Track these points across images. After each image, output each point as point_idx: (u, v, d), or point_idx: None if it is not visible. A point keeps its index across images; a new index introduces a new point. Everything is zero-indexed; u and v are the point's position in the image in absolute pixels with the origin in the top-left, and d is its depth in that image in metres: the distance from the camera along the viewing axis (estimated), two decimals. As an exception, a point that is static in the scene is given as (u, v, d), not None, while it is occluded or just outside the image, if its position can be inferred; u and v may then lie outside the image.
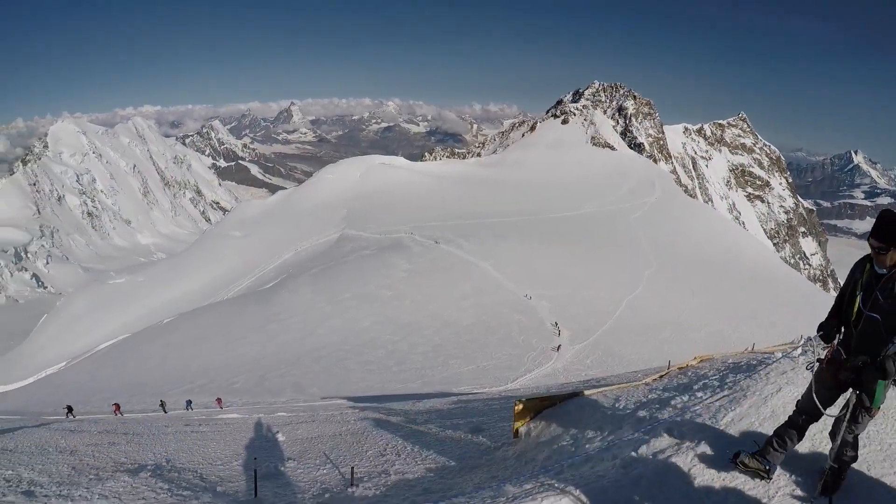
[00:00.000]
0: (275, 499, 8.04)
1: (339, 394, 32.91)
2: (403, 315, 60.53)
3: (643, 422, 7.22)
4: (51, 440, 15.25)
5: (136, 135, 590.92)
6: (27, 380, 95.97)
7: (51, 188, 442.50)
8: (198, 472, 9.85)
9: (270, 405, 28.67)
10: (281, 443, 13.03)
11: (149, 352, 72.04)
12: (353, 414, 17.02)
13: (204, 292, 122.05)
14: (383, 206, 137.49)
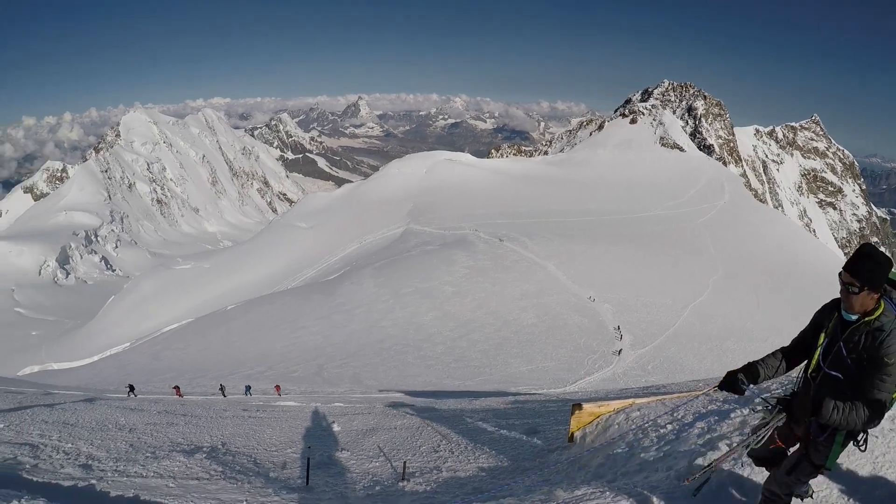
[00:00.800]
0: (326, 488, 8.10)
1: (396, 387, 32.99)
2: (464, 312, 60.49)
3: (701, 433, 7.09)
4: (111, 417, 15.65)
5: (205, 126, 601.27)
6: (92, 358, 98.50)
7: (122, 175, 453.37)
8: (252, 456, 9.98)
9: (328, 395, 28.89)
10: (336, 433, 13.12)
11: (211, 337, 73.21)
12: (409, 408, 17.05)
13: (268, 281, 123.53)
14: (448, 202, 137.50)
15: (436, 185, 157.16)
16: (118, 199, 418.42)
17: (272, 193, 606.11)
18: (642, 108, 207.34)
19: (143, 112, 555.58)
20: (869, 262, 4.05)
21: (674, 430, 7.57)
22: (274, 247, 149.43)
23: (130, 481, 8.04)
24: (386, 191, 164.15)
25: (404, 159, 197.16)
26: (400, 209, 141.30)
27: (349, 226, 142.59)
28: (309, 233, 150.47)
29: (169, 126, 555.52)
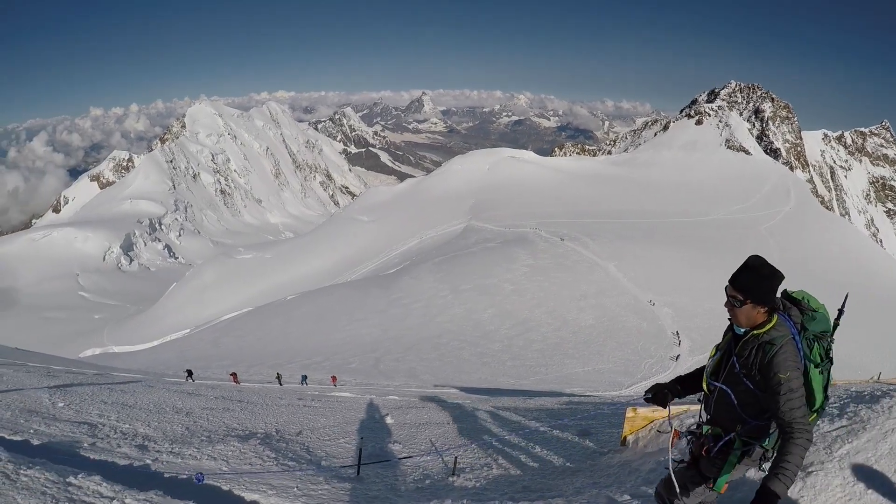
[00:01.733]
0: (377, 479, 8.14)
1: (451, 383, 33.05)
2: (522, 310, 60.30)
3: (755, 443, 6.97)
4: (168, 400, 16.00)
5: (270, 118, 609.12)
6: (153, 342, 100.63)
7: (186, 166, 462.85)
8: (305, 444, 10.08)
9: (383, 388, 29.08)
10: (389, 425, 13.19)
11: (270, 326, 74.15)
12: (463, 405, 17.05)
13: (328, 273, 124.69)
14: (510, 199, 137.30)
15: (498, 183, 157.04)
16: (182, 188, 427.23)
17: (334, 186, 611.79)
18: (708, 109, 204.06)
19: (208, 104, 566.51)
20: (752, 274, 4.00)
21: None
22: (335, 239, 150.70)
23: (185, 463, 8.21)
24: (448, 187, 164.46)
25: (467, 156, 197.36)
26: (461, 205, 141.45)
27: (410, 220, 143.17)
28: (370, 226, 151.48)
29: (233, 118, 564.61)
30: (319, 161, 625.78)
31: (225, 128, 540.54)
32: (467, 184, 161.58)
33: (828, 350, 4.10)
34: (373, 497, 7.26)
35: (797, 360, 3.87)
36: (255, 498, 6.85)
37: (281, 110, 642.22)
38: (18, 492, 6.02)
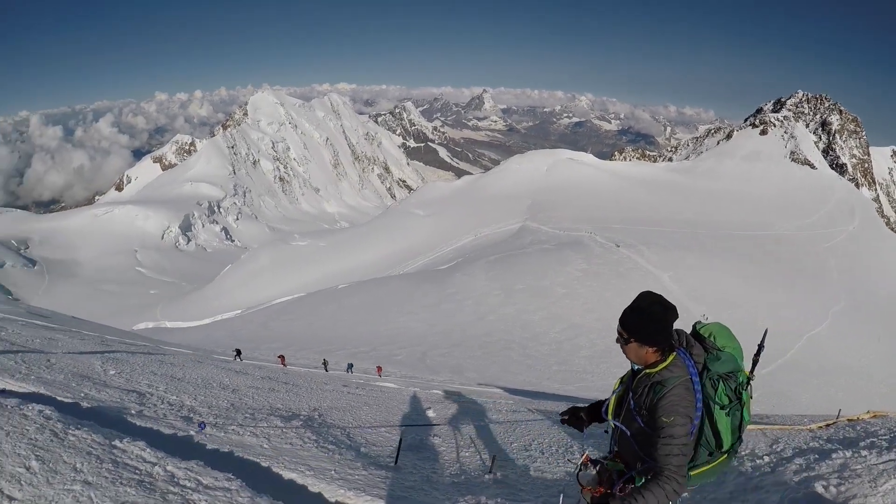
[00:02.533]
0: (414, 470, 8.17)
1: (496, 382, 32.96)
2: (573, 315, 59.78)
3: (798, 470, 6.84)
4: (216, 377, 16.35)
5: (330, 109, 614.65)
6: (204, 320, 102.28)
7: (247, 152, 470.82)
8: (346, 430, 10.16)
9: (427, 381, 29.12)
10: (430, 418, 13.22)
11: (320, 313, 74.79)
12: (506, 404, 17.00)
13: (381, 264, 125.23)
14: (567, 202, 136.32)
15: (556, 184, 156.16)
16: (242, 174, 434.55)
17: (392, 179, 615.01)
18: (773, 119, 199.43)
19: (270, 93, 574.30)
20: (635, 313, 3.90)
21: (770, 463, 7.32)
22: (390, 232, 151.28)
23: (227, 437, 8.34)
24: (505, 185, 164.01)
25: (526, 155, 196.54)
26: (518, 205, 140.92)
27: (466, 217, 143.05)
28: (425, 221, 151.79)
29: (295, 108, 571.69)
30: (378, 154, 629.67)
31: (286, 117, 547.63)
32: (525, 184, 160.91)
33: (737, 390, 3.91)
34: (409, 487, 7.28)
35: (688, 404, 3.71)
36: (293, 477, 6.93)
37: (342, 102, 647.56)
38: (65, 450, 6.22)
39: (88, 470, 5.92)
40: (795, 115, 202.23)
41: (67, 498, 5.37)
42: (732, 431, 3.84)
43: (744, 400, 3.90)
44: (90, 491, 5.49)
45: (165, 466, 6.11)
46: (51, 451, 6.28)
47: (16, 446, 6.35)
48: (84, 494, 5.43)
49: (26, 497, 5.39)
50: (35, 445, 6.39)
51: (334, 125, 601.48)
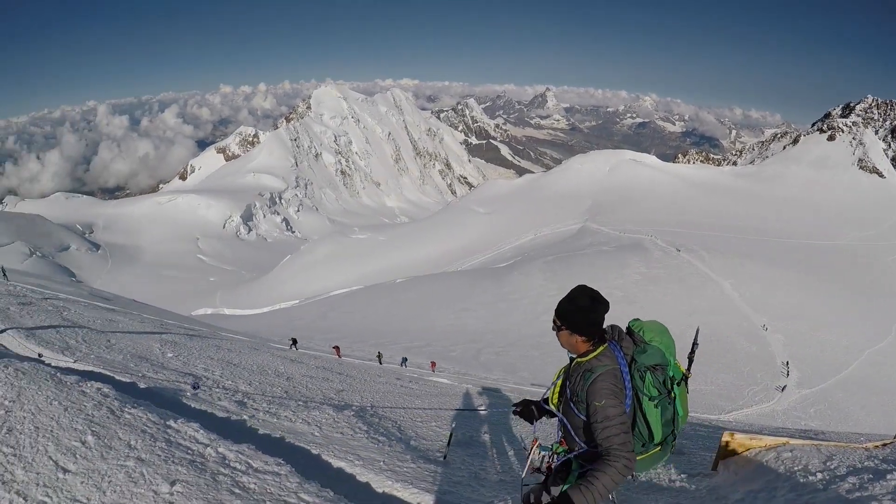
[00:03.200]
0: (462, 465, 8.14)
1: (549, 383, 32.83)
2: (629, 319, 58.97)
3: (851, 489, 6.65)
4: (271, 364, 16.59)
5: (393, 105, 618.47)
6: (262, 309, 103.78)
7: (309, 145, 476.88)
8: (397, 423, 10.17)
9: (480, 379, 29.10)
10: (482, 416, 13.15)
11: (377, 306, 75.22)
12: (557, 406, 16.93)
13: (439, 260, 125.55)
14: (628, 203, 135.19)
15: (617, 185, 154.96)
16: (304, 166, 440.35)
17: (453, 176, 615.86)
18: (842, 125, 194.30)
19: (334, 87, 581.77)
20: (570, 303, 4.04)
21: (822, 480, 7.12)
22: (449, 228, 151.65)
23: (279, 423, 8.43)
24: (566, 185, 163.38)
25: (588, 155, 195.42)
26: (579, 205, 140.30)
27: (526, 216, 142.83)
28: (485, 218, 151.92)
29: (358, 102, 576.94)
30: (440, 150, 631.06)
31: (349, 111, 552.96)
32: (586, 184, 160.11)
33: (666, 383, 4.09)
34: (456, 482, 7.26)
35: (616, 390, 3.84)
36: (342, 466, 6.96)
37: (405, 97, 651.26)
38: (121, 427, 6.35)
39: (142, 447, 6.04)
40: (864, 120, 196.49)
41: (120, 473, 5.48)
42: (664, 424, 4.05)
43: (675, 394, 4.11)
44: (143, 468, 5.59)
45: (217, 448, 6.19)
46: (107, 427, 6.43)
47: (73, 421, 6.52)
48: (136, 471, 5.53)
49: (80, 470, 5.53)
50: (92, 421, 6.55)
51: (396, 120, 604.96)
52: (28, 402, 7.21)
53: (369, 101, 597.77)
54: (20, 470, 5.60)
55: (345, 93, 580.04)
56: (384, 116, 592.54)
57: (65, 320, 19.34)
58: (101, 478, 5.42)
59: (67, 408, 7.03)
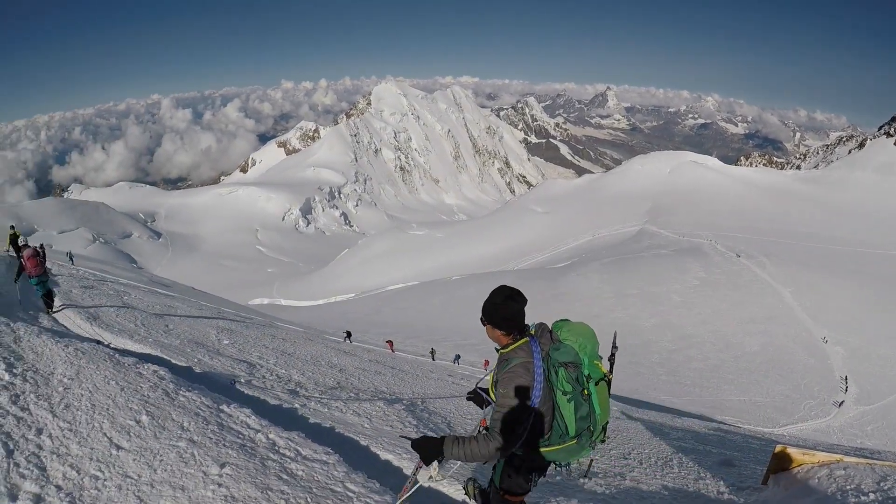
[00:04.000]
0: (510, 465, 8.14)
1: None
2: (686, 325, 58.32)
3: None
4: (325, 355, 16.81)
5: (453, 102, 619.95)
6: (318, 301, 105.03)
7: (369, 141, 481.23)
8: (447, 419, 10.18)
9: (532, 380, 29.00)
10: (532, 416, 13.13)
11: (432, 302, 75.52)
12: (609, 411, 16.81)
13: (496, 258, 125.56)
14: (688, 206, 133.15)
15: (677, 187, 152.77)
16: (364, 162, 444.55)
17: (512, 174, 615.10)
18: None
19: (394, 84, 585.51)
20: (489, 299, 4.38)
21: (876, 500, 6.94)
22: (507, 227, 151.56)
23: (330, 413, 8.52)
24: (626, 186, 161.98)
25: (648, 156, 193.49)
26: (638, 207, 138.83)
27: (584, 217, 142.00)
28: (543, 218, 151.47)
29: (417, 99, 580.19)
30: (499, 148, 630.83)
31: (409, 108, 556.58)
32: (646, 185, 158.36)
33: (580, 379, 4.20)
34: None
35: (523, 381, 4.11)
36: (390, 458, 7.03)
37: (464, 95, 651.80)
38: (175, 409, 6.52)
39: (195, 429, 6.16)
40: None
41: (172, 453, 5.59)
42: (579, 419, 4.17)
43: (591, 392, 4.20)
44: (194, 449, 5.69)
45: (268, 434, 6.28)
46: (161, 408, 6.57)
47: (129, 401, 6.71)
48: (188, 451, 5.64)
49: (133, 447, 5.68)
50: (147, 402, 6.72)
51: (456, 117, 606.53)
52: (86, 381, 7.45)
53: (429, 98, 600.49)
54: (75, 444, 5.78)
55: (405, 90, 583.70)
56: (444, 114, 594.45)
57: (125, 304, 19.80)
58: (153, 456, 5.55)
59: (124, 388, 7.22)
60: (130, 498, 5.00)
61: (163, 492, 5.06)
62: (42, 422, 6.25)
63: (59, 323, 15.25)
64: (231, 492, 5.03)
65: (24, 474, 5.21)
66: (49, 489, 5.07)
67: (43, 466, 5.40)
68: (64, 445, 5.79)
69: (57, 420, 6.31)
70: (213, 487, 5.09)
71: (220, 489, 5.07)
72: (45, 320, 15.34)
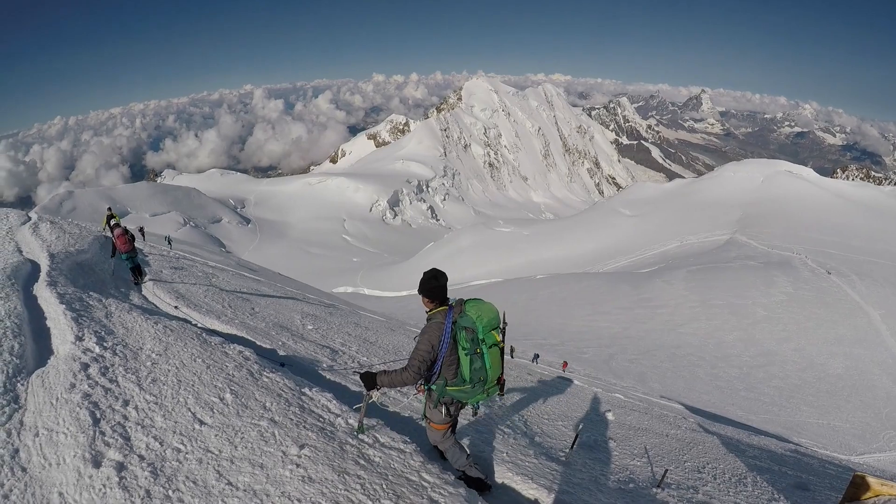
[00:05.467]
0: (583, 468, 8.07)
1: (678, 398, 32.04)
2: (769, 340, 56.66)
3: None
4: (406, 346, 17.10)
5: (544, 100, 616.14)
6: (401, 292, 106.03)
7: (459, 136, 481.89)
8: (523, 417, 10.16)
9: (610, 385, 28.72)
10: (608, 421, 13.00)
11: (514, 300, 75.45)
12: (686, 422, 16.52)
13: (581, 259, 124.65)
14: (780, 217, 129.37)
15: (770, 197, 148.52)
16: (452, 156, 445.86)
17: (601, 175, 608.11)
18: None
19: (485, 80, 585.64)
20: (421, 278, 5.94)
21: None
22: (594, 228, 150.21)
23: (409, 403, 8.67)
24: (717, 193, 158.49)
25: (742, 163, 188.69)
26: (728, 215, 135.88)
27: (672, 222, 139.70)
28: (631, 221, 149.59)
29: (508, 96, 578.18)
30: (589, 148, 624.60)
31: (499, 104, 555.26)
32: (737, 194, 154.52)
33: (475, 341, 5.67)
34: (575, 483, 7.20)
35: (433, 335, 5.71)
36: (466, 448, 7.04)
37: (556, 93, 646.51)
38: (258, 389, 6.77)
39: (276, 410, 6.36)
40: None
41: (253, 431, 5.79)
42: (473, 371, 5.67)
43: (482, 351, 5.69)
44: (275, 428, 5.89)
45: (348, 419, 6.45)
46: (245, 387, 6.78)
47: (214, 378, 6.96)
48: (269, 431, 5.83)
49: (216, 423, 5.93)
50: (231, 380, 6.95)
51: (547, 115, 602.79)
52: (174, 357, 7.79)
53: (520, 94, 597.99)
54: (160, 417, 6.06)
55: (496, 86, 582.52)
56: (535, 111, 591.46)
57: (213, 286, 20.38)
58: (235, 433, 5.78)
59: (210, 366, 7.50)
60: (210, 472, 5.20)
61: (242, 468, 5.25)
62: (129, 394, 6.57)
63: (149, 301, 15.87)
64: (308, 473, 5.18)
65: (108, 443, 5.59)
66: (132, 458, 5.37)
67: (127, 436, 5.74)
68: (149, 417, 6.06)
69: (143, 393, 6.60)
70: (290, 467, 5.25)
71: (298, 469, 5.22)
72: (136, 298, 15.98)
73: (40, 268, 14.13)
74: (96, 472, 5.12)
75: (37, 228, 22.37)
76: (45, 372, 7.12)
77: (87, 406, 6.15)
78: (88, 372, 7.02)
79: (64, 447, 5.52)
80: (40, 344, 8.39)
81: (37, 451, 5.53)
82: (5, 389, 6.51)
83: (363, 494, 4.95)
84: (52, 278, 12.53)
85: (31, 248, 17.72)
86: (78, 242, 20.05)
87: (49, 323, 9.36)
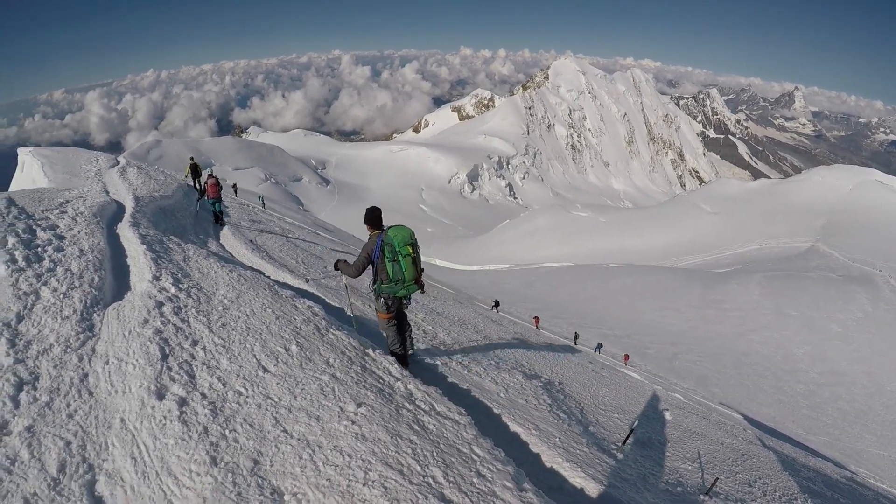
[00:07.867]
0: (634, 464, 8.01)
1: (738, 407, 31.36)
2: (840, 360, 54.58)
3: None
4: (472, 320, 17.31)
5: (632, 85, 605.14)
6: (472, 266, 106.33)
7: (543, 115, 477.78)
8: (580, 405, 10.13)
9: (670, 384, 28.37)
10: (665, 420, 12.86)
11: (584, 286, 74.92)
12: (743, 433, 16.18)
13: (656, 252, 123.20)
14: (866, 230, 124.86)
15: (857, 207, 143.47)
16: (535, 136, 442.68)
17: (684, 167, 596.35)
18: None
19: (573, 60, 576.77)
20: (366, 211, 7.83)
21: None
22: (672, 221, 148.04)
23: (468, 376, 8.68)
24: (803, 197, 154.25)
25: (831, 168, 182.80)
26: (811, 222, 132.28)
27: (753, 223, 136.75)
28: (711, 218, 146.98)
29: (596, 79, 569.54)
30: (675, 138, 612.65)
31: (586, 86, 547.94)
32: (824, 200, 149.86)
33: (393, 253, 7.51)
34: (624, 479, 7.15)
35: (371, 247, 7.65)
36: (518, 431, 7.05)
37: (645, 79, 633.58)
38: (323, 344, 7.03)
39: (339, 366, 6.49)
40: None
41: (314, 384, 5.92)
42: (393, 272, 7.53)
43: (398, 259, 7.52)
44: (335, 384, 5.99)
45: (407, 384, 6.50)
46: (311, 341, 6.96)
47: (282, 329, 7.19)
48: (329, 386, 5.94)
49: (279, 372, 6.15)
50: (298, 333, 7.14)
51: (634, 102, 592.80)
52: (245, 305, 8.05)
53: (608, 78, 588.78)
54: (226, 360, 6.27)
55: (584, 67, 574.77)
56: (621, 96, 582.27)
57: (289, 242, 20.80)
58: (296, 384, 5.93)
59: (279, 317, 7.73)
60: (268, 418, 5.35)
61: (298, 418, 5.38)
62: (198, 335, 6.81)
63: (226, 250, 16.32)
64: (363, 431, 5.25)
65: (174, 378, 5.87)
66: (194, 395, 5.60)
67: (192, 374, 5.98)
68: (215, 359, 6.26)
69: (212, 335, 6.82)
70: (346, 423, 5.34)
71: (353, 426, 5.31)
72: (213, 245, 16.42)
73: (125, 209, 14.67)
74: (159, 404, 5.37)
75: (124, 172, 23.17)
76: (121, 305, 7.53)
77: (157, 341, 6.45)
78: (162, 310, 7.38)
79: (131, 377, 5.81)
80: (119, 280, 8.87)
81: (105, 378, 5.84)
82: (82, 318, 6.89)
83: (413, 459, 4.99)
84: (135, 219, 12.99)
85: (117, 190, 18.37)
86: (162, 188, 20.75)
87: (129, 261, 9.86)
